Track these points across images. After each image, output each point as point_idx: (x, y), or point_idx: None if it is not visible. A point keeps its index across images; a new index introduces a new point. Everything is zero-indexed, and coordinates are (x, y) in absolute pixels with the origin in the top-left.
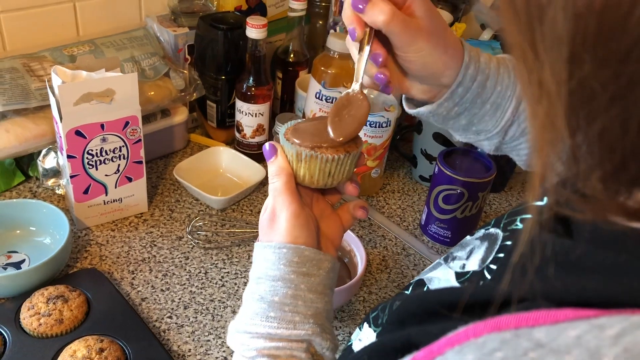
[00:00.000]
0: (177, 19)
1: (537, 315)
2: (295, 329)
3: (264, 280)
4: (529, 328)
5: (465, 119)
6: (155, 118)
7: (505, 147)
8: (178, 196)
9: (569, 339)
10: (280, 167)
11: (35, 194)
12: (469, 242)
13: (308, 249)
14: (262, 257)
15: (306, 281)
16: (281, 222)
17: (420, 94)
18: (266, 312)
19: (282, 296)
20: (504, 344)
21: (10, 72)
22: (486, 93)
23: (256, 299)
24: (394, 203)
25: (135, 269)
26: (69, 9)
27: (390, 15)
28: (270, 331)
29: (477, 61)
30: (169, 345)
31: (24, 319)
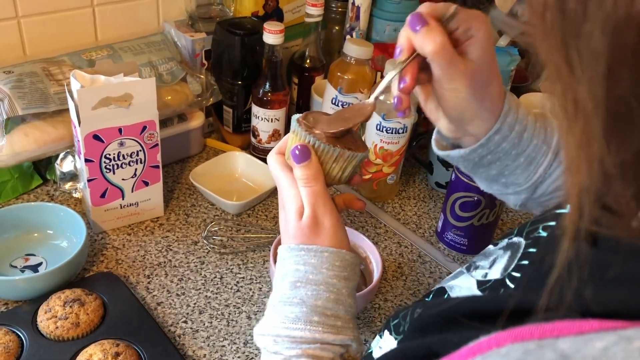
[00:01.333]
0: (194, 24)
1: (561, 325)
2: (339, 334)
3: (304, 284)
4: (553, 339)
5: (496, 169)
6: (172, 123)
7: (531, 203)
8: (194, 201)
9: (595, 351)
10: (317, 170)
11: (52, 197)
12: (492, 252)
13: (348, 253)
14: (299, 260)
15: (347, 286)
16: (327, 227)
17: (445, 130)
18: (309, 317)
19: (324, 300)
20: (527, 354)
21: (30, 76)
22: (522, 145)
23: (296, 303)
24: (409, 210)
25: (151, 273)
26: (88, 14)
27: (439, 47)
28: (316, 336)
29: (516, 111)
30: (184, 350)
31: (41, 322)
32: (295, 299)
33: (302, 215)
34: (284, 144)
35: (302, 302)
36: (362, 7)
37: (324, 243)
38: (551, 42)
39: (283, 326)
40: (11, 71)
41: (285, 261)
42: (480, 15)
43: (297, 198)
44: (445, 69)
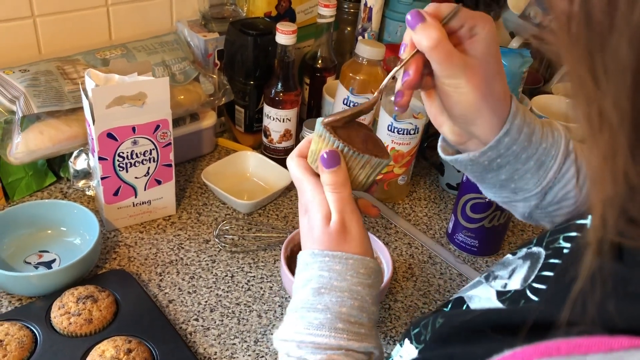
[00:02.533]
0: (207, 24)
1: (590, 342)
2: (363, 341)
3: (329, 291)
4: (581, 356)
5: (506, 174)
6: (185, 122)
7: (539, 213)
8: (205, 199)
9: None
10: (346, 176)
11: (65, 194)
12: (511, 262)
13: (372, 261)
14: (323, 266)
15: (370, 293)
16: (354, 234)
17: (450, 133)
18: (333, 323)
19: (349, 307)
20: None
21: (45, 75)
22: (532, 148)
23: (320, 309)
24: (420, 211)
25: (163, 271)
26: (102, 14)
27: (435, 42)
28: (341, 343)
29: (523, 114)
30: (195, 347)
31: (54, 318)
32: (319, 305)
33: (330, 221)
34: (305, 147)
35: (326, 308)
36: (374, 8)
37: (351, 250)
38: (576, 54)
39: (307, 332)
40: (27, 70)
41: (308, 266)
42: (484, 15)
43: (323, 203)
44: (443, 64)
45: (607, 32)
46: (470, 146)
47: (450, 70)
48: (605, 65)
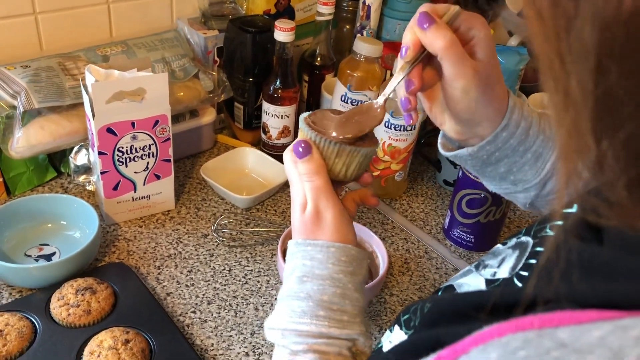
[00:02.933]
0: (207, 22)
1: (560, 316)
2: (345, 328)
3: (311, 279)
4: (552, 328)
5: (505, 167)
6: (184, 118)
7: (540, 202)
8: (204, 195)
9: (592, 339)
10: (319, 164)
11: (66, 189)
12: (501, 251)
13: (354, 248)
14: (306, 255)
15: (353, 280)
16: (328, 221)
17: (452, 132)
18: (315, 311)
19: (330, 295)
20: (527, 343)
21: (46, 70)
22: (529, 141)
23: (302, 298)
24: (417, 207)
25: (161, 264)
26: (103, 11)
27: (450, 42)
28: (322, 330)
29: (520, 108)
30: (192, 339)
31: (53, 309)
32: (301, 293)
33: (305, 209)
34: None
35: (308, 296)
36: (372, 6)
37: (326, 237)
38: (544, 36)
39: (290, 320)
40: (28, 66)
41: (293, 256)
42: (479, 16)
43: (300, 193)
44: (456, 66)
45: (572, 16)
46: (472, 142)
47: (462, 71)
48: (571, 47)
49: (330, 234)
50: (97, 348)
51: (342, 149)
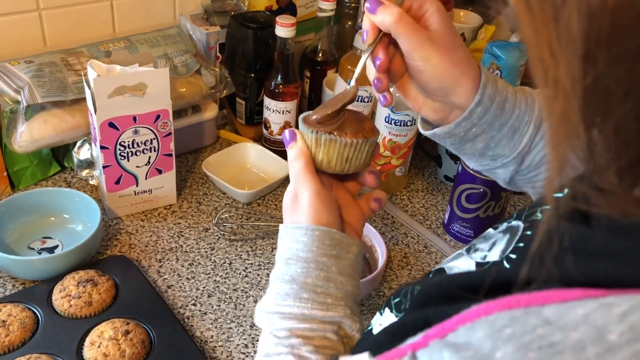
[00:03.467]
0: (209, 18)
1: (547, 294)
2: (329, 310)
3: (295, 262)
4: (538, 306)
5: (482, 142)
6: (186, 114)
7: (520, 179)
8: (206, 189)
9: (577, 317)
10: (299, 150)
11: (69, 184)
12: (492, 235)
13: (338, 233)
14: (292, 238)
15: (337, 264)
16: (304, 202)
17: (432, 112)
18: (298, 294)
19: (314, 278)
20: (513, 320)
21: (50, 66)
22: (505, 115)
23: (287, 280)
24: (417, 202)
25: (163, 257)
26: (106, 7)
27: (397, 17)
28: (304, 312)
29: (494, 83)
30: (192, 331)
31: (55, 300)
32: (286, 276)
33: (288, 195)
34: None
35: (292, 279)
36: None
37: (302, 218)
38: (533, 26)
39: (274, 302)
40: (32, 61)
41: (281, 239)
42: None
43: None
44: (410, 37)
45: (560, 4)
46: (452, 120)
47: (417, 40)
48: (559, 36)
49: (305, 215)
50: (98, 339)
51: (318, 136)
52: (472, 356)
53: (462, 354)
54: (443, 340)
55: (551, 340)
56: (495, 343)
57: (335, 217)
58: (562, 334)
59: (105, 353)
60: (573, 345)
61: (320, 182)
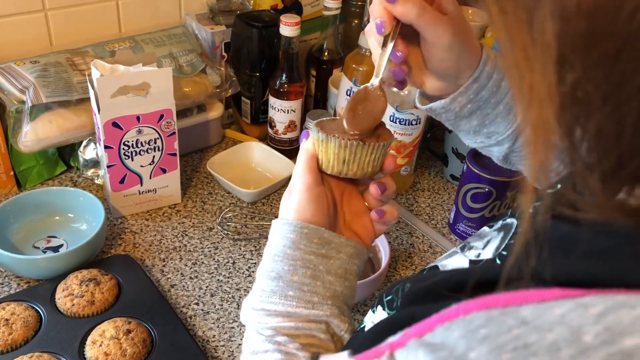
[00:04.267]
0: (215, 18)
1: (525, 294)
2: (314, 309)
3: (282, 259)
4: (516, 306)
5: (478, 119)
6: (192, 113)
7: (515, 157)
8: (211, 189)
9: (553, 317)
10: (304, 148)
11: (75, 183)
12: (487, 233)
13: (328, 232)
14: (280, 234)
15: (325, 263)
16: (294, 195)
17: (435, 90)
18: (284, 291)
19: (300, 276)
20: (489, 320)
21: (55, 66)
22: (500, 93)
23: (273, 277)
24: (423, 201)
25: (166, 256)
26: (112, 7)
27: (421, 9)
28: (289, 310)
29: (494, 61)
30: (194, 330)
31: (58, 299)
32: (272, 272)
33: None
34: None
35: (279, 276)
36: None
37: (290, 214)
38: (507, 31)
39: (260, 299)
40: (37, 61)
41: (272, 234)
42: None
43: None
44: (435, 28)
45: (533, 8)
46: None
47: (441, 30)
48: (534, 40)
49: (292, 210)
50: (100, 337)
51: (317, 136)
52: (447, 356)
53: (437, 354)
54: (420, 339)
55: (526, 341)
56: (469, 344)
57: (322, 216)
58: (537, 335)
59: (107, 352)
60: (548, 347)
61: (316, 178)
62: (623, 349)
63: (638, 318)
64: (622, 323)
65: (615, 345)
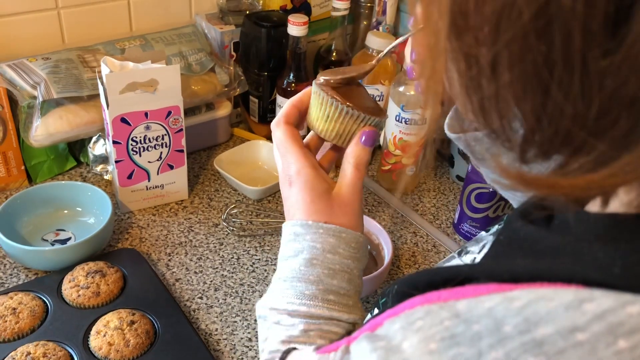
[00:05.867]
0: (224, 17)
1: (464, 290)
2: (351, 313)
3: (321, 263)
4: (454, 301)
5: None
6: (200, 111)
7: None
8: (217, 186)
9: (482, 310)
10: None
11: (85, 178)
12: (483, 238)
13: (362, 235)
14: (317, 238)
15: (358, 267)
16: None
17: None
18: (325, 295)
19: (339, 280)
20: (427, 314)
21: (66, 62)
22: None
23: (312, 281)
24: (428, 202)
25: (172, 251)
26: (123, 6)
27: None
28: (333, 314)
29: None
30: (197, 323)
31: (64, 290)
32: (311, 276)
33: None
34: (292, 112)
35: (319, 280)
36: (388, 1)
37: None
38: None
39: (300, 302)
40: (49, 58)
41: (299, 237)
42: None
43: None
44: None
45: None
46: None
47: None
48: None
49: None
50: (104, 328)
51: (318, 93)
52: (384, 346)
53: (376, 344)
54: (371, 333)
55: (453, 331)
56: (405, 334)
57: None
58: (464, 326)
59: (110, 342)
60: (471, 337)
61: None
62: (535, 337)
63: (553, 309)
64: (538, 314)
65: (529, 334)
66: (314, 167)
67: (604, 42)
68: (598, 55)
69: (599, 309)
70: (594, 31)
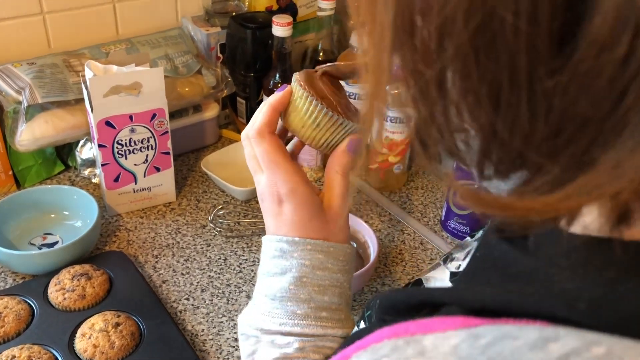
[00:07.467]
0: (210, 19)
1: (432, 323)
2: (344, 327)
3: (311, 280)
4: (421, 335)
5: None
6: (187, 113)
7: None
8: (205, 187)
9: (448, 348)
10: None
11: (73, 182)
12: (469, 244)
13: (349, 247)
14: (306, 255)
15: (348, 279)
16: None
17: None
18: (317, 313)
19: (330, 295)
20: (394, 350)
21: (51, 67)
22: None
23: (303, 299)
24: (416, 199)
25: (159, 253)
26: (109, 10)
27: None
28: (328, 332)
29: None
30: (183, 324)
31: (50, 293)
32: (302, 295)
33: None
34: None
35: (310, 298)
36: None
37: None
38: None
39: (293, 323)
40: (34, 63)
41: (286, 254)
42: None
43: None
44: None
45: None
46: None
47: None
48: (372, 29)
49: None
50: (89, 330)
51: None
52: None
53: None
54: None
55: None
56: None
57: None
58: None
59: (95, 344)
60: None
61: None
62: None
63: (517, 349)
64: (502, 354)
65: None
66: (306, 183)
67: (550, 60)
68: (543, 75)
69: (563, 350)
70: (538, 49)
